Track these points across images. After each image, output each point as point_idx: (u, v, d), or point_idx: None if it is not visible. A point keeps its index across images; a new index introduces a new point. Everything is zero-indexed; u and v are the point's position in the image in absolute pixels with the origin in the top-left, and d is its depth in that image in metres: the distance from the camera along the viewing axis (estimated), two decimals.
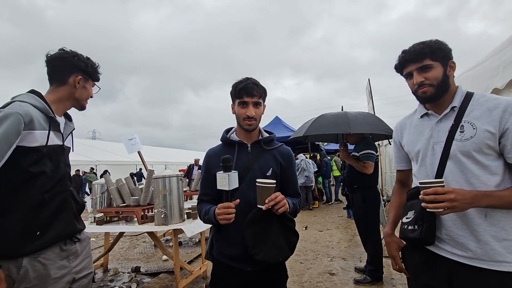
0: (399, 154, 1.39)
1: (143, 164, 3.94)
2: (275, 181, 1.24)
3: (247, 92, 1.36)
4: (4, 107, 1.16)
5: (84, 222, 3.61)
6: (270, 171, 1.40)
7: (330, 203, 9.12)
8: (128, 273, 3.61)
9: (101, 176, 10.51)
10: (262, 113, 1.45)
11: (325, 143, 14.36)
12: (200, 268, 3.31)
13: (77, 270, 1.36)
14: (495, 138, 1.02)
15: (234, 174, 1.23)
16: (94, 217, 3.24)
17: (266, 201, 1.19)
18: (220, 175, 1.23)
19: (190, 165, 11.10)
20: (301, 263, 3.80)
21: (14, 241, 1.15)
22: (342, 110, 3.87)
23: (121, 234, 3.63)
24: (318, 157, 10.12)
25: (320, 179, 9.14)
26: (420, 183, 1.05)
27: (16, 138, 1.12)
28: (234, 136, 1.47)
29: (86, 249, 1.45)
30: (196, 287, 3.15)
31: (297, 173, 7.45)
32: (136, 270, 3.66)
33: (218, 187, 1.24)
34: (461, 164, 1.06)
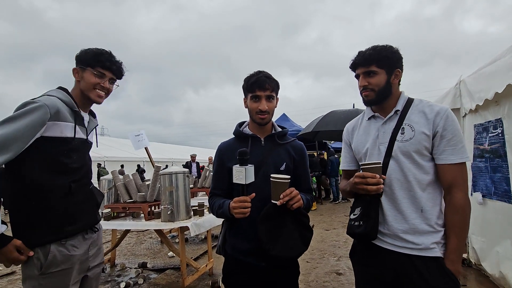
0: (348, 155, 1.45)
1: (150, 161, 3.95)
2: (289, 176, 1.23)
3: (260, 86, 1.34)
4: (34, 100, 1.22)
5: None
6: (283, 165, 1.39)
7: (337, 202, 9.04)
8: (135, 268, 3.63)
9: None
10: (275, 107, 1.43)
11: (332, 141, 14.23)
12: (206, 265, 3.30)
13: (93, 259, 1.42)
14: (429, 139, 1.15)
15: (251, 168, 1.22)
16: (101, 213, 3.26)
17: (281, 196, 1.19)
18: (237, 169, 1.22)
19: (187, 162, 10.72)
20: (307, 262, 3.76)
21: (44, 229, 1.22)
22: (353, 107, 3.81)
23: (128, 230, 3.64)
24: (326, 155, 10.03)
25: (314, 179, 8.90)
26: (361, 164, 1.18)
27: (41, 128, 1.18)
28: (247, 130, 1.46)
29: (100, 239, 1.51)
30: (202, 284, 3.14)
31: None
32: (143, 265, 3.68)
33: (234, 181, 1.23)
34: (401, 163, 1.18)
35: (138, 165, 13.01)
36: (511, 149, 2.49)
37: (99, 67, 1.35)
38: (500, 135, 2.62)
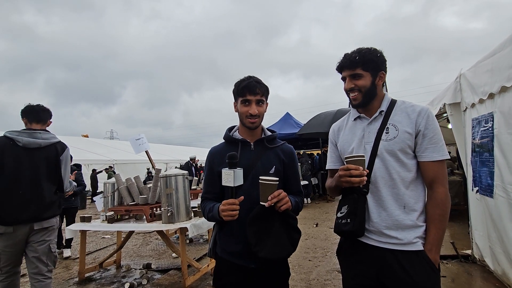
0: (334, 154, 1.47)
1: (151, 163, 4.03)
2: (278, 178, 1.24)
3: (250, 90, 1.36)
4: None
5: (96, 220, 3.67)
6: (273, 169, 1.41)
7: None
8: (139, 269, 3.71)
9: None
10: (265, 111, 1.45)
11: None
12: (208, 265, 3.35)
13: None
14: (412, 138, 1.20)
15: (239, 171, 1.25)
16: (106, 216, 3.34)
17: (269, 198, 1.20)
18: (226, 172, 1.24)
19: (186, 162, 10.40)
20: (309, 260, 3.76)
21: None
22: (349, 106, 3.79)
23: (131, 232, 3.72)
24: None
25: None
26: (345, 157, 1.21)
27: None
28: (237, 135, 1.47)
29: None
30: (204, 284, 3.19)
31: None
32: (147, 266, 3.75)
33: (223, 184, 1.26)
34: (386, 162, 1.22)
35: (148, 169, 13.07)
36: (498, 144, 2.45)
37: None
38: (490, 129, 2.57)
